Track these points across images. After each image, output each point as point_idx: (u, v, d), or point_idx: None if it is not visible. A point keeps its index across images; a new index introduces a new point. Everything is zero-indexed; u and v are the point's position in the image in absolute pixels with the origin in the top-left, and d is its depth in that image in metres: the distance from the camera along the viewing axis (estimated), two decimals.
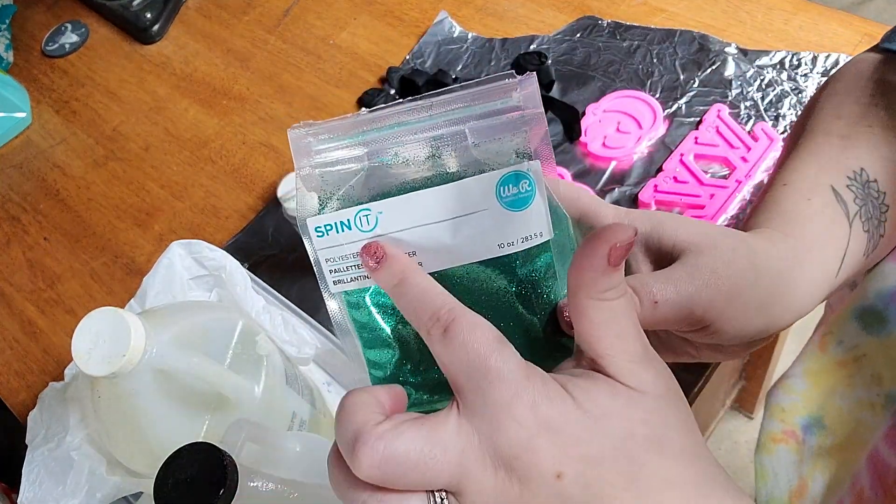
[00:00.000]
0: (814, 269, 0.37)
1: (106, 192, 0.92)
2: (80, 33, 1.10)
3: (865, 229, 0.39)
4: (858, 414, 0.41)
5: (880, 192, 0.40)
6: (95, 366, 0.46)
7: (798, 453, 0.46)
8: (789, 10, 0.81)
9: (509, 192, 0.29)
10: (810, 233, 0.38)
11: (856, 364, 0.41)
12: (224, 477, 0.39)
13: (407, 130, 0.30)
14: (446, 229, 0.29)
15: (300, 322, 0.66)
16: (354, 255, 0.30)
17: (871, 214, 0.39)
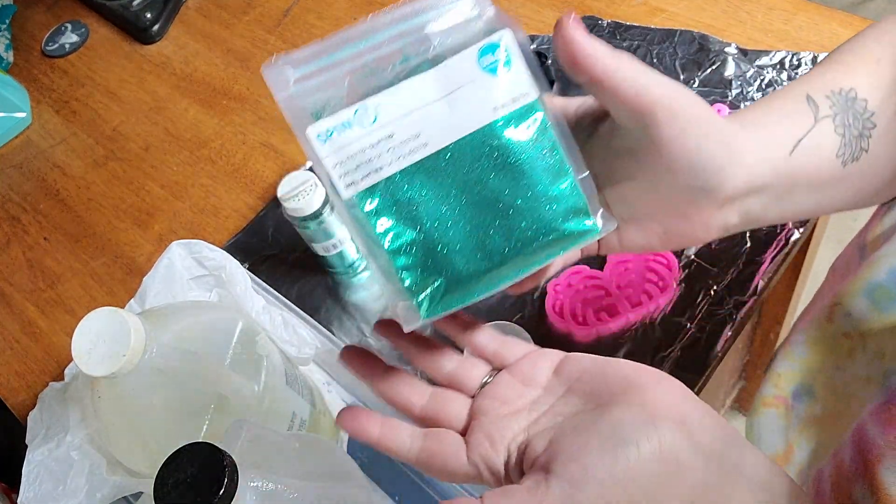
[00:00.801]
0: (760, 138, 0.37)
1: (106, 192, 0.92)
2: (80, 33, 1.10)
3: (839, 133, 0.39)
4: (853, 388, 0.41)
5: (868, 109, 0.40)
6: (95, 366, 0.46)
7: (786, 418, 0.46)
8: (789, 10, 0.81)
9: (489, 60, 0.31)
10: (764, 111, 0.39)
11: (861, 338, 0.41)
12: (224, 477, 0.39)
13: (377, 43, 0.32)
14: (443, 106, 0.31)
15: (300, 322, 0.66)
16: (361, 150, 0.31)
17: (848, 123, 0.39)
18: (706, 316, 0.64)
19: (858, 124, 0.40)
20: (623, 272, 0.67)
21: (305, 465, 0.48)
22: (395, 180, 0.32)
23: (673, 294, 0.66)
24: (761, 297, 0.65)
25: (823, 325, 0.43)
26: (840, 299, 0.42)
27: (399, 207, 0.32)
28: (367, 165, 0.31)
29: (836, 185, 0.40)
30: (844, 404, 0.41)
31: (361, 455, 0.66)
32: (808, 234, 0.70)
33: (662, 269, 0.67)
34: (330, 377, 0.70)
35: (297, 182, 0.67)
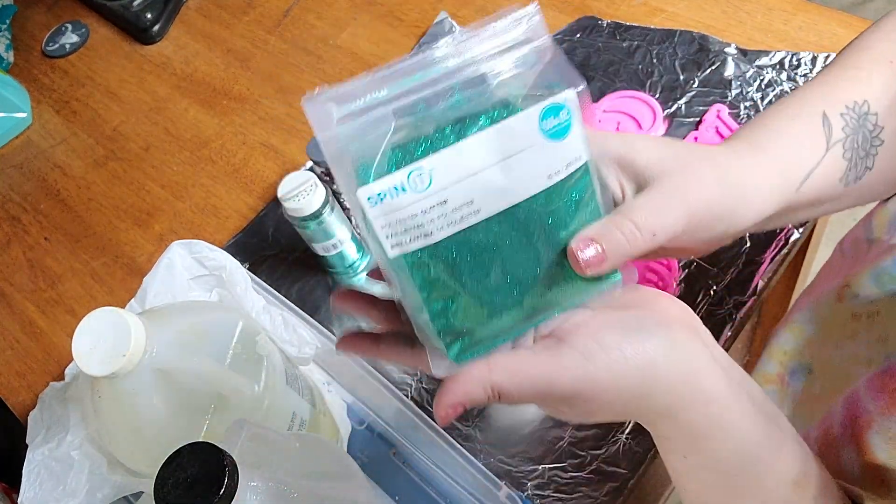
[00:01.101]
0: (771, 178, 0.38)
1: (106, 192, 0.92)
2: (80, 33, 1.10)
3: (847, 157, 0.40)
4: (851, 366, 0.41)
5: (877, 126, 0.40)
6: (96, 366, 0.46)
7: (781, 394, 0.46)
8: (789, 10, 0.81)
9: (551, 124, 0.29)
10: (778, 146, 0.39)
11: (868, 320, 0.41)
12: (224, 476, 0.39)
13: (426, 81, 0.30)
14: (498, 172, 0.29)
15: (300, 322, 0.66)
16: (412, 216, 0.29)
17: (857, 144, 0.40)
18: (706, 316, 0.64)
19: (867, 144, 0.41)
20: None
21: (305, 464, 0.48)
22: (442, 245, 0.31)
23: (673, 294, 0.66)
24: (761, 297, 0.65)
25: (833, 305, 0.44)
26: (850, 281, 0.42)
27: (444, 270, 0.31)
28: (417, 230, 0.30)
29: (836, 201, 0.41)
30: (840, 381, 0.41)
31: (361, 455, 0.66)
32: (807, 235, 0.70)
33: (662, 269, 0.67)
34: (330, 377, 0.70)
35: (298, 182, 0.67)
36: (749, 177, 0.37)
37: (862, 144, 0.40)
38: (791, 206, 0.39)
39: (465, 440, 0.64)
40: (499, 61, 0.30)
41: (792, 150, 0.39)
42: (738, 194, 0.37)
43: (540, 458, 0.62)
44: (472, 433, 0.64)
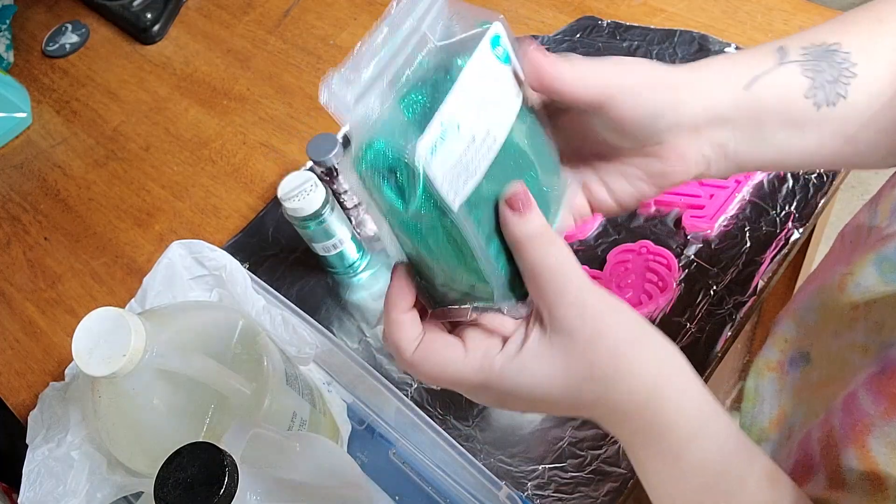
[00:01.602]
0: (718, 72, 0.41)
1: (106, 192, 0.92)
2: (80, 33, 1.10)
3: (808, 76, 0.41)
4: (848, 355, 0.41)
5: (849, 60, 0.41)
6: (96, 366, 0.46)
7: (780, 382, 0.46)
8: (789, 10, 0.81)
9: (499, 53, 0.34)
10: (721, 60, 0.41)
11: (865, 307, 0.41)
12: (224, 476, 0.39)
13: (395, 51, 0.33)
14: (491, 100, 0.34)
15: (300, 322, 0.66)
16: (459, 160, 0.32)
17: (820, 69, 0.41)
18: (706, 316, 0.64)
19: (834, 71, 0.41)
20: (623, 272, 0.68)
21: (306, 464, 0.48)
22: (483, 181, 0.33)
23: (673, 294, 0.66)
24: (761, 297, 0.65)
25: (836, 295, 0.43)
26: (853, 269, 0.42)
27: (487, 208, 0.34)
28: (465, 172, 0.32)
29: (815, 128, 0.41)
30: (838, 369, 0.41)
31: (361, 455, 0.66)
32: (807, 234, 0.70)
33: (662, 269, 0.67)
34: (330, 377, 0.70)
35: (298, 182, 0.67)
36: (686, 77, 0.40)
37: (828, 70, 0.41)
38: (754, 109, 0.40)
39: (465, 440, 0.64)
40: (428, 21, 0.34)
41: (738, 62, 0.41)
42: (674, 75, 0.39)
43: (540, 458, 0.62)
44: (472, 433, 0.64)
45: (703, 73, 0.41)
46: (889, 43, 0.42)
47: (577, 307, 0.34)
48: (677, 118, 0.39)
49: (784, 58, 0.42)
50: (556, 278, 0.34)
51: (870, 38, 0.42)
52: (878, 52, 0.42)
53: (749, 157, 0.42)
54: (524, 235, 0.34)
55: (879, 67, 0.41)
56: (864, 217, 0.45)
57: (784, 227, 0.67)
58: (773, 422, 0.46)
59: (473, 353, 0.36)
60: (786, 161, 0.42)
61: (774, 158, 0.42)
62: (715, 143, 0.41)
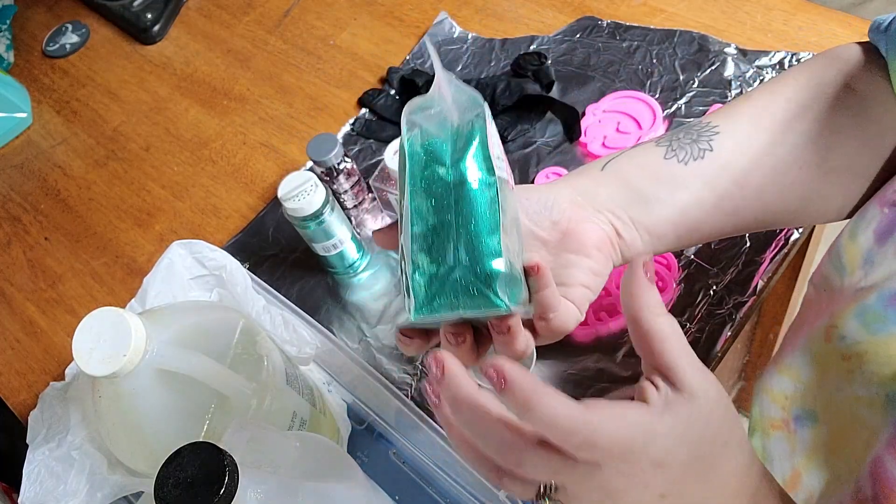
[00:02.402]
0: (568, 178, 0.47)
1: (107, 193, 0.92)
2: (80, 34, 1.10)
3: (663, 145, 0.46)
4: (856, 410, 0.41)
5: (710, 126, 0.46)
6: (96, 366, 0.46)
7: (790, 442, 0.46)
8: (789, 10, 0.81)
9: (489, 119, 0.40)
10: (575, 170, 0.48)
11: (857, 359, 0.41)
12: (224, 476, 0.39)
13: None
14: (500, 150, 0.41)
15: (300, 322, 0.66)
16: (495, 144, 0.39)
17: (675, 137, 0.46)
18: (706, 316, 0.64)
19: (692, 135, 0.46)
20: (623, 272, 0.68)
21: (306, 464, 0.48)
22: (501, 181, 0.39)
23: (672, 294, 0.66)
24: (761, 297, 0.65)
25: (823, 346, 0.44)
26: (836, 322, 0.42)
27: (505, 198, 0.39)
28: (497, 160, 0.39)
29: (696, 179, 0.45)
30: (850, 428, 0.41)
31: (361, 455, 0.66)
32: (807, 235, 0.70)
33: (662, 269, 0.67)
34: (330, 377, 0.70)
35: (298, 182, 0.67)
36: (541, 185, 0.46)
37: (685, 136, 0.46)
38: (619, 180, 0.45)
39: None
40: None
41: (585, 166, 0.48)
42: (523, 191, 0.45)
43: None
44: None
45: (562, 178, 0.47)
46: (750, 108, 0.46)
47: (701, 369, 0.34)
48: (553, 203, 0.44)
49: (636, 145, 0.47)
50: (680, 343, 0.35)
51: (733, 109, 0.47)
52: (740, 114, 0.46)
53: (650, 219, 0.45)
54: (646, 305, 0.35)
55: (742, 122, 0.46)
56: (830, 268, 0.46)
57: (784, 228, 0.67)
58: (787, 483, 0.46)
59: (650, 403, 0.34)
60: (692, 217, 0.45)
61: (677, 217, 0.45)
62: (603, 210, 0.45)
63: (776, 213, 0.46)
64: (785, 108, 0.45)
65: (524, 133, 0.80)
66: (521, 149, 0.79)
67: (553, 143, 0.79)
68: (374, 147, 0.84)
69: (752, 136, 0.45)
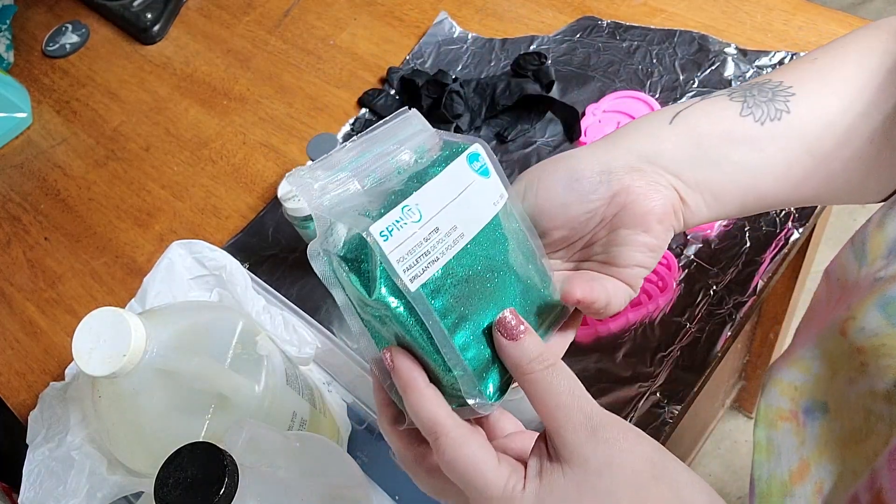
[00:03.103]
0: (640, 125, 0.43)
1: (106, 192, 0.92)
2: (80, 34, 1.10)
3: (737, 100, 0.43)
4: (871, 405, 0.40)
5: (783, 86, 0.43)
6: (96, 366, 0.46)
7: (798, 435, 0.45)
8: (789, 10, 0.81)
9: (477, 167, 0.37)
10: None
11: (872, 351, 0.40)
12: (224, 476, 0.39)
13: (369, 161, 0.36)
14: (462, 202, 0.35)
15: (300, 322, 0.66)
16: (418, 244, 0.34)
17: (751, 94, 0.43)
18: (706, 316, 0.64)
19: (766, 94, 0.43)
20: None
21: (306, 464, 0.48)
22: (448, 268, 0.35)
23: (673, 294, 0.66)
24: (761, 297, 0.65)
25: (838, 339, 0.43)
26: (854, 313, 0.42)
27: (454, 296, 0.35)
28: (426, 257, 0.34)
29: (770, 142, 0.42)
30: (864, 422, 0.41)
31: (361, 455, 0.66)
32: (807, 234, 0.70)
33: (662, 269, 0.67)
34: (330, 377, 0.70)
35: None
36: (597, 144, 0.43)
37: (759, 95, 0.43)
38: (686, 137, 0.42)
39: None
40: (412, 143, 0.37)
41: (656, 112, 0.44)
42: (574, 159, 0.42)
43: None
44: None
45: (621, 132, 0.43)
46: (824, 73, 0.44)
47: (587, 431, 0.33)
48: (609, 172, 0.41)
49: (707, 96, 0.44)
50: (563, 402, 0.33)
51: (804, 71, 0.44)
52: (814, 77, 0.44)
53: (718, 183, 0.42)
54: (519, 360, 0.34)
55: (818, 86, 0.43)
56: (849, 257, 0.45)
57: (784, 227, 0.67)
58: (794, 474, 0.45)
59: (504, 464, 0.34)
60: (759, 181, 0.43)
61: (748, 181, 0.43)
62: (667, 174, 0.42)
63: (837, 187, 0.45)
64: (855, 74, 0.43)
65: (524, 133, 0.80)
66: (521, 149, 0.79)
67: (553, 143, 0.79)
68: None
69: (829, 102, 0.43)
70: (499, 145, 0.80)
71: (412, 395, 0.35)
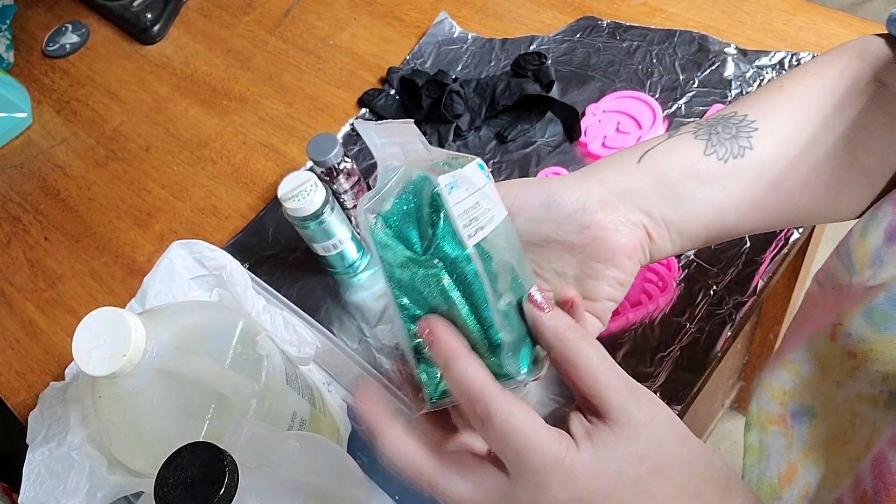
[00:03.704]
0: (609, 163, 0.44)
1: (107, 193, 0.92)
2: (80, 34, 1.10)
3: (702, 138, 0.44)
4: (857, 407, 0.41)
5: (747, 120, 0.44)
6: (96, 366, 0.46)
7: (786, 437, 0.46)
8: (788, 10, 0.81)
9: (487, 172, 0.38)
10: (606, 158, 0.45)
11: (862, 357, 0.40)
12: (224, 476, 0.39)
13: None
14: (487, 193, 0.37)
15: (300, 322, 0.66)
16: (472, 206, 0.35)
17: (716, 131, 0.44)
18: (706, 316, 0.64)
19: (731, 130, 0.44)
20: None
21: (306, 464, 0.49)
22: (488, 241, 0.36)
23: (672, 294, 0.66)
24: (761, 298, 0.65)
25: (827, 343, 0.43)
26: (842, 319, 0.42)
27: (494, 265, 0.36)
28: (474, 223, 0.35)
29: (733, 179, 0.43)
30: (850, 424, 0.41)
31: (361, 455, 0.66)
32: (807, 235, 0.70)
33: (662, 269, 0.67)
34: (330, 377, 0.70)
35: (298, 182, 0.67)
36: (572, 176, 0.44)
37: (723, 131, 0.44)
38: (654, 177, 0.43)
39: None
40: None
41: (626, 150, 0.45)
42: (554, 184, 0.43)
43: None
44: None
45: (594, 167, 0.45)
46: (788, 102, 0.44)
47: (628, 391, 0.34)
48: (584, 203, 0.42)
49: (673, 133, 0.45)
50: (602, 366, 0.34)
51: (769, 101, 0.45)
52: (777, 108, 0.44)
53: (683, 220, 0.44)
54: (556, 328, 0.36)
55: (781, 119, 0.44)
56: (838, 266, 0.45)
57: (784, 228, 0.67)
58: (782, 477, 0.46)
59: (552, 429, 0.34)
60: (726, 218, 0.44)
61: (711, 217, 0.44)
62: (636, 210, 0.43)
63: (804, 212, 0.45)
64: (822, 103, 0.44)
65: (524, 133, 0.80)
66: (521, 149, 0.79)
67: (553, 143, 0.79)
68: None
69: (792, 135, 0.44)
70: (499, 145, 0.80)
71: (457, 363, 0.34)
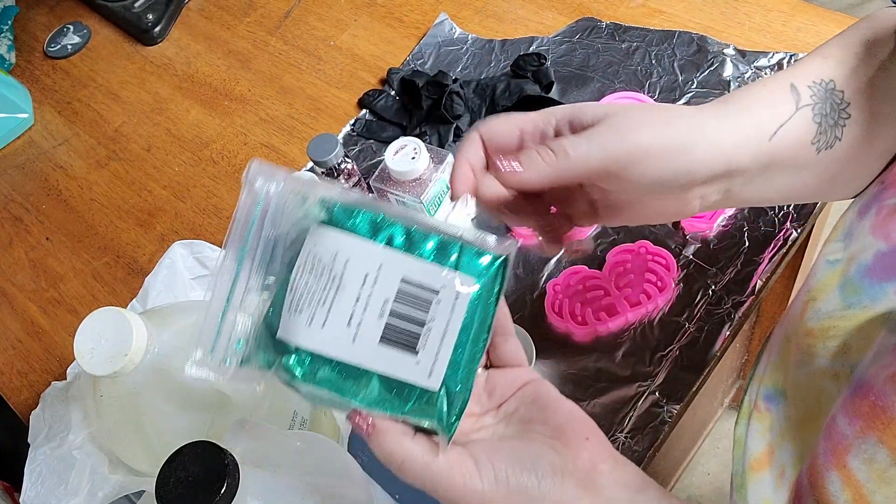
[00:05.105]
0: (742, 124, 0.41)
1: (108, 193, 0.92)
2: (81, 34, 1.10)
3: (816, 121, 0.43)
4: (820, 383, 0.41)
5: (844, 100, 0.43)
6: (97, 365, 0.46)
7: (761, 421, 0.46)
8: (787, 11, 0.81)
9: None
10: (749, 100, 0.42)
11: (821, 332, 0.41)
12: (225, 475, 0.39)
13: None
14: None
15: None
16: None
17: (825, 112, 0.43)
18: (705, 316, 0.65)
19: (835, 114, 0.43)
20: (622, 272, 0.68)
21: (306, 463, 0.49)
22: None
23: (672, 294, 0.66)
24: (759, 297, 0.65)
25: (796, 322, 0.44)
26: (815, 294, 0.43)
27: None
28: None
29: (812, 170, 0.44)
30: (815, 402, 0.42)
31: (361, 455, 0.66)
32: (806, 235, 0.70)
33: (661, 269, 0.67)
34: None
35: None
36: (711, 120, 0.41)
37: (830, 113, 0.43)
38: (769, 159, 0.42)
39: None
40: None
41: (762, 104, 0.42)
42: (691, 134, 0.40)
43: None
44: None
45: (728, 126, 0.41)
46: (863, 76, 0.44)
47: None
48: (691, 178, 0.41)
49: (798, 100, 0.43)
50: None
51: (854, 74, 0.44)
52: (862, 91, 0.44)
53: (747, 198, 0.44)
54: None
55: (864, 110, 0.44)
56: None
57: (782, 227, 0.67)
58: (759, 460, 0.46)
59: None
60: (773, 199, 0.45)
61: (768, 198, 0.45)
62: (724, 189, 0.43)
63: (827, 192, 0.46)
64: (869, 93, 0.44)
65: None
66: None
67: None
68: (375, 147, 0.85)
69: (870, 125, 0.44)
70: None
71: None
